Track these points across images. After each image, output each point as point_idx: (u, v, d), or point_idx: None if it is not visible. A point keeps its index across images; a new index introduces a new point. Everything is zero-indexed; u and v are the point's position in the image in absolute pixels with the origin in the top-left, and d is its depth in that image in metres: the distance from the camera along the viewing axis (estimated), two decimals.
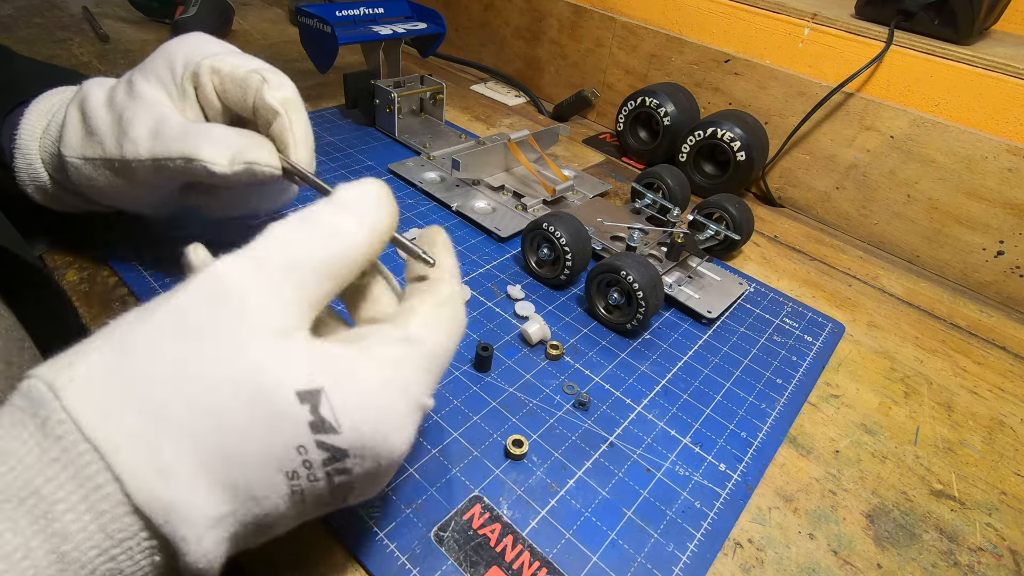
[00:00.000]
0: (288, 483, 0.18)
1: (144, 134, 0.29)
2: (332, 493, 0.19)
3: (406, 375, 0.20)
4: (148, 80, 0.30)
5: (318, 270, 0.19)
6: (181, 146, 0.28)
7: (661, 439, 0.33)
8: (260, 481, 0.17)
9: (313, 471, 0.18)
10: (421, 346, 0.20)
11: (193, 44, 0.31)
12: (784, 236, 0.57)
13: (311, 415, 0.17)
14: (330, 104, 0.67)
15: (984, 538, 0.31)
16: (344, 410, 0.18)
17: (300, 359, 0.18)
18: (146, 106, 0.29)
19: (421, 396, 0.20)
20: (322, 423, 0.17)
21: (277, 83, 0.29)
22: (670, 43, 0.65)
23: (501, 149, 0.54)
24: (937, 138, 0.51)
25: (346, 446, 0.18)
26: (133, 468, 0.16)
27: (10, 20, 0.76)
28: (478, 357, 0.35)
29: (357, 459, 0.18)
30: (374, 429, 0.18)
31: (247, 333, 0.17)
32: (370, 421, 0.18)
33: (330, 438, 0.18)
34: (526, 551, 0.27)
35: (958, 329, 0.48)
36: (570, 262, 0.41)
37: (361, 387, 0.18)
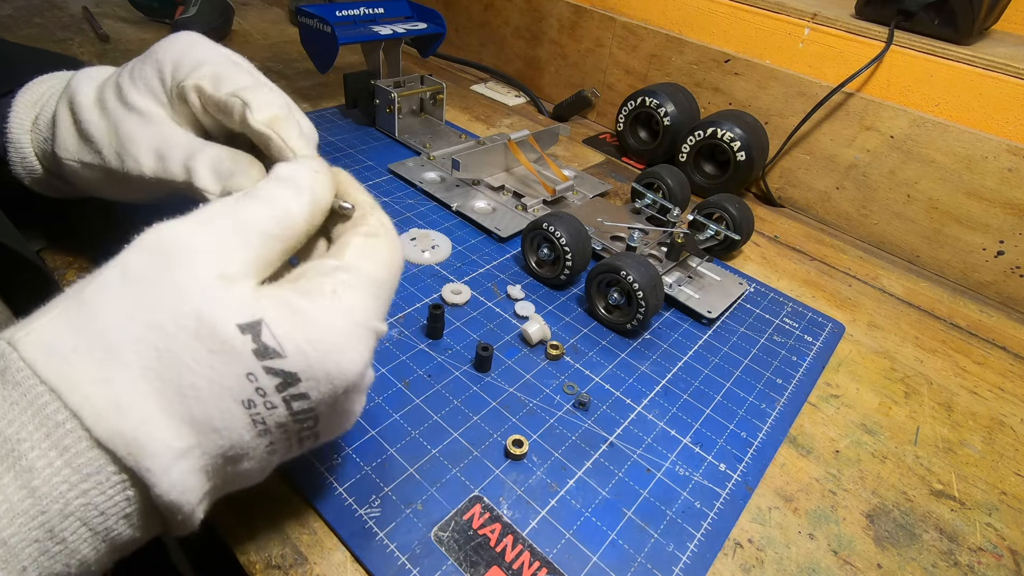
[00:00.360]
0: (246, 412, 0.18)
1: (146, 153, 0.29)
2: (296, 420, 0.20)
3: (345, 298, 0.20)
4: (138, 89, 0.29)
5: (262, 232, 0.20)
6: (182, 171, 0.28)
7: (661, 439, 0.33)
8: (217, 411, 0.18)
9: (268, 398, 0.19)
10: (357, 272, 0.21)
11: (182, 50, 0.30)
12: (784, 236, 0.57)
13: (254, 343, 0.18)
14: (330, 104, 0.67)
15: (984, 538, 0.31)
16: (286, 335, 0.18)
17: (240, 297, 0.19)
18: (144, 120, 0.29)
19: (367, 319, 0.21)
20: (266, 349, 0.18)
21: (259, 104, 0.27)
22: (670, 43, 0.65)
23: (501, 149, 0.54)
24: (937, 138, 0.51)
25: (294, 369, 0.19)
26: (90, 404, 0.17)
27: (10, 20, 0.76)
28: (478, 357, 0.35)
29: (310, 381, 0.19)
30: (320, 350, 0.19)
31: (189, 278, 0.18)
32: (313, 342, 0.19)
33: (276, 363, 0.18)
34: (526, 551, 0.27)
35: (958, 329, 0.48)
36: (570, 262, 0.41)
37: (301, 313, 0.19)
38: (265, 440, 0.20)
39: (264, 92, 0.28)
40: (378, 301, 0.22)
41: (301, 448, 0.21)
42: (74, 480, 0.17)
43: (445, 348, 0.37)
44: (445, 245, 0.45)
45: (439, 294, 0.41)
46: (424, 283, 0.42)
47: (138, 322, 0.18)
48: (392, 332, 0.37)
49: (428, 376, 0.35)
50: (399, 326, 0.38)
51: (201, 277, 0.18)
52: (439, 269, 0.44)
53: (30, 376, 0.17)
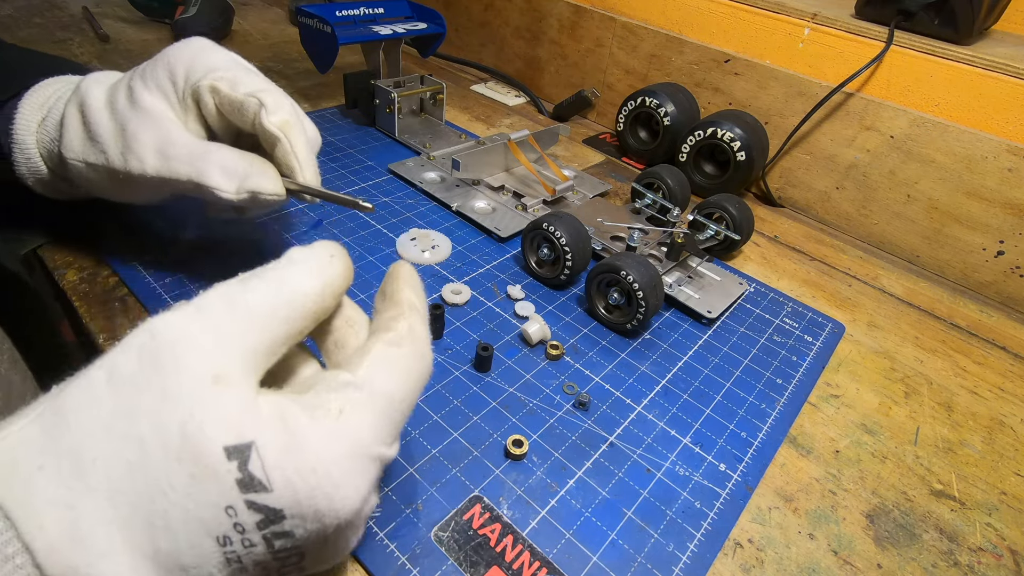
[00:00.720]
0: (220, 550, 0.16)
1: (150, 151, 0.29)
2: (277, 559, 0.18)
3: (352, 424, 0.18)
4: (149, 89, 0.30)
5: (264, 315, 0.18)
6: (188, 169, 0.28)
7: (661, 439, 0.33)
8: (188, 548, 0.16)
9: (247, 535, 0.16)
10: (370, 391, 0.19)
11: (194, 54, 0.30)
12: (784, 236, 0.57)
13: (239, 472, 0.16)
14: (330, 104, 0.67)
15: (984, 538, 0.31)
16: (276, 465, 0.16)
17: (232, 410, 0.16)
18: (151, 120, 0.29)
19: (373, 446, 0.18)
20: (251, 480, 0.16)
21: (274, 106, 0.29)
22: (670, 43, 0.65)
23: (501, 149, 0.54)
24: (937, 138, 0.51)
25: (280, 506, 0.16)
26: (45, 536, 0.15)
27: (10, 20, 0.76)
28: (478, 357, 0.35)
29: (296, 520, 0.17)
30: (311, 485, 0.17)
31: (179, 383, 0.16)
32: (306, 476, 0.17)
33: (261, 497, 0.16)
34: (526, 551, 0.27)
35: (958, 329, 0.48)
36: (570, 262, 0.41)
37: (298, 437, 0.17)
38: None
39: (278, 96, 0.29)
40: (389, 423, 0.19)
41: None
42: None
43: (445, 348, 0.37)
44: (445, 245, 0.45)
45: (439, 294, 0.41)
46: (424, 283, 0.42)
47: (116, 435, 0.16)
48: None
49: None
50: None
51: (193, 381, 0.16)
52: (439, 269, 0.44)
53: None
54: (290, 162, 0.29)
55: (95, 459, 0.16)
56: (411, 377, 0.20)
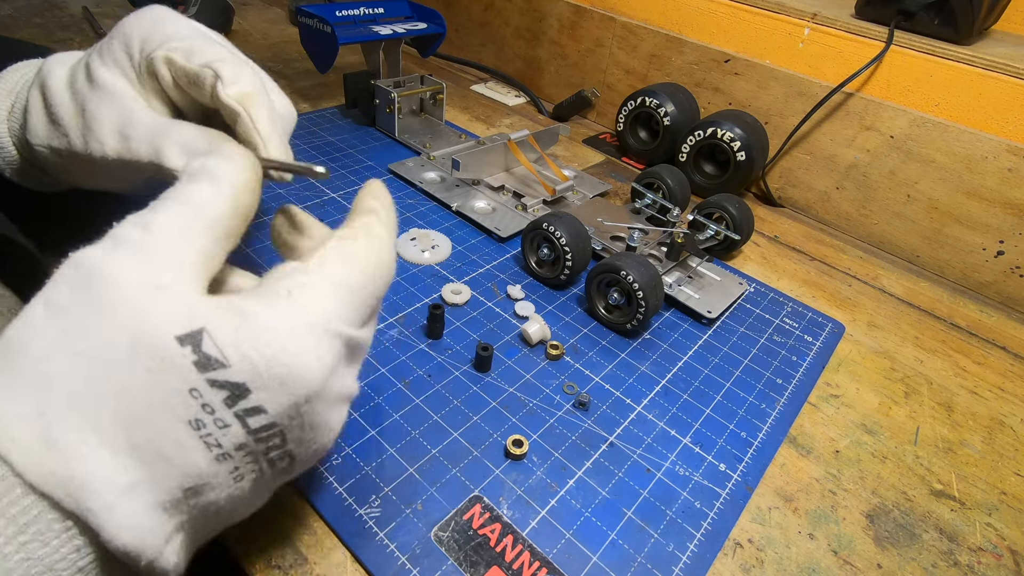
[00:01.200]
0: (196, 434, 0.17)
1: (110, 132, 0.27)
2: (259, 440, 0.18)
3: (303, 301, 0.18)
4: (107, 65, 0.28)
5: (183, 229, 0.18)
6: (147, 149, 0.27)
7: (661, 439, 0.33)
8: (163, 436, 0.16)
9: (218, 415, 0.17)
10: (320, 275, 0.19)
11: (151, 23, 0.28)
12: (784, 236, 0.57)
13: (194, 354, 0.16)
14: (330, 104, 0.67)
15: (984, 538, 0.31)
16: (229, 343, 0.17)
17: (177, 304, 0.17)
18: (109, 98, 0.27)
19: (332, 322, 0.19)
20: (208, 360, 0.16)
21: (232, 77, 0.26)
22: (670, 43, 0.65)
23: (501, 149, 0.54)
24: (937, 138, 0.51)
25: (241, 379, 0.17)
26: (20, 446, 0.15)
27: (10, 20, 0.76)
28: (478, 357, 0.35)
29: (262, 392, 0.17)
30: (268, 356, 0.17)
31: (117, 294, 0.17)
32: (260, 348, 0.17)
33: (220, 373, 0.16)
34: (526, 551, 0.27)
35: (958, 329, 0.48)
36: (570, 262, 0.41)
37: (248, 317, 0.17)
38: (227, 466, 0.18)
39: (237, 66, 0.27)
40: (348, 305, 0.20)
41: (276, 472, 0.19)
42: (11, 532, 0.15)
43: (445, 348, 0.37)
44: (445, 245, 0.45)
45: (439, 294, 0.41)
46: (424, 283, 0.42)
47: (66, 350, 0.16)
48: (392, 332, 0.37)
49: (428, 376, 0.35)
50: (399, 326, 0.38)
51: (131, 292, 0.17)
52: (439, 269, 0.44)
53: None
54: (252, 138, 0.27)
55: (50, 378, 0.16)
56: (366, 265, 0.20)
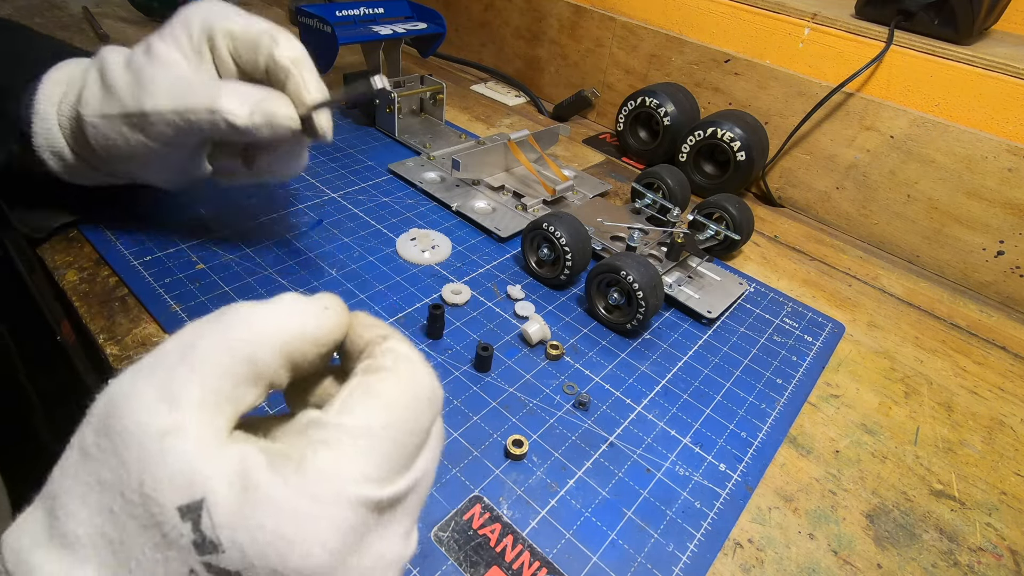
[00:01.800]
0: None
1: (164, 88, 0.31)
2: None
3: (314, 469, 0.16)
4: (165, 41, 0.32)
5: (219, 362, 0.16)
6: (203, 98, 0.30)
7: (661, 439, 0.33)
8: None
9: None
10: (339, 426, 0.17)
11: (209, 8, 0.33)
12: (784, 236, 0.57)
13: (193, 533, 0.15)
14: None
15: (984, 538, 0.31)
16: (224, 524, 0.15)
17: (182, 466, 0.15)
18: (163, 64, 0.31)
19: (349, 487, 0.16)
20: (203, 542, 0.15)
21: (287, 44, 0.32)
22: (670, 43, 0.65)
23: (501, 149, 0.54)
24: (937, 138, 0.51)
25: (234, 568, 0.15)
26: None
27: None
28: (478, 357, 0.35)
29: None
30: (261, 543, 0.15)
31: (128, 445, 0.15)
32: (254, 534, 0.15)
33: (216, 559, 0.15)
34: (526, 551, 0.27)
35: (958, 329, 0.48)
36: (570, 262, 0.41)
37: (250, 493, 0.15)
38: None
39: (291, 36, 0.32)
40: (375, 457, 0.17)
41: None
42: None
43: (445, 348, 0.37)
44: (445, 245, 0.45)
45: (439, 294, 0.41)
46: (424, 283, 0.42)
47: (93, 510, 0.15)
48: None
49: None
50: (399, 326, 0.38)
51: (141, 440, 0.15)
52: (439, 269, 0.44)
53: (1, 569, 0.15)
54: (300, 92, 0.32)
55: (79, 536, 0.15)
56: (398, 401, 0.18)
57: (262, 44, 0.32)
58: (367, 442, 0.17)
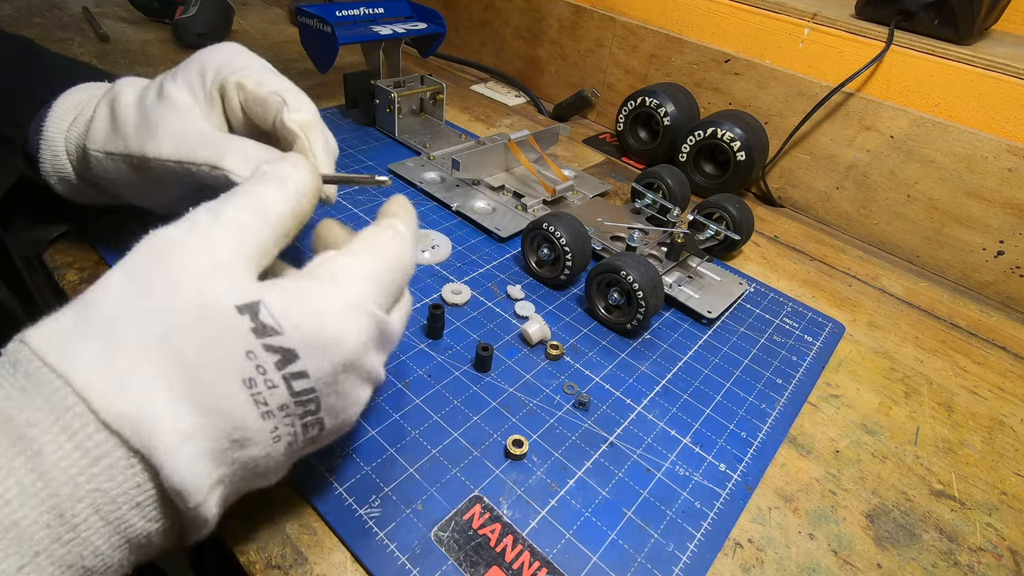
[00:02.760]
0: (248, 392, 0.19)
1: (170, 136, 0.30)
2: (299, 403, 0.20)
3: (344, 283, 0.21)
4: (177, 84, 0.32)
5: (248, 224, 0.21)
6: (206, 152, 0.30)
7: (661, 439, 0.33)
8: (220, 391, 0.19)
9: (268, 376, 0.19)
10: (356, 259, 0.22)
11: (226, 55, 0.33)
12: (784, 236, 0.57)
13: (252, 322, 0.19)
14: (330, 104, 0.67)
15: (984, 538, 0.31)
16: (283, 313, 0.19)
17: (236, 282, 0.19)
18: (174, 110, 0.31)
19: (367, 303, 0.21)
20: (264, 327, 0.19)
21: (296, 105, 0.31)
22: (670, 43, 0.65)
23: (501, 149, 0.54)
24: (937, 138, 0.51)
25: (292, 345, 0.19)
26: (95, 387, 0.17)
27: (10, 20, 0.76)
28: (478, 357, 0.35)
29: (308, 357, 0.20)
30: (316, 325, 0.20)
31: (187, 269, 0.19)
32: (310, 318, 0.20)
33: (275, 340, 0.19)
34: (526, 551, 0.27)
35: (958, 329, 0.48)
36: (570, 262, 0.41)
37: (297, 294, 0.20)
38: (269, 424, 0.20)
39: (301, 96, 0.32)
40: (381, 290, 0.22)
41: (306, 439, 0.21)
42: (84, 464, 0.17)
43: (445, 348, 0.37)
44: (445, 245, 0.45)
45: (439, 294, 0.41)
46: (424, 283, 0.42)
47: (140, 311, 0.18)
48: None
49: (428, 376, 0.35)
50: None
51: (199, 268, 0.19)
52: (439, 269, 0.44)
53: (40, 366, 0.17)
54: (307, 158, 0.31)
55: (126, 331, 0.18)
56: (395, 257, 0.23)
57: (271, 105, 0.31)
58: (376, 278, 0.22)
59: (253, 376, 0.19)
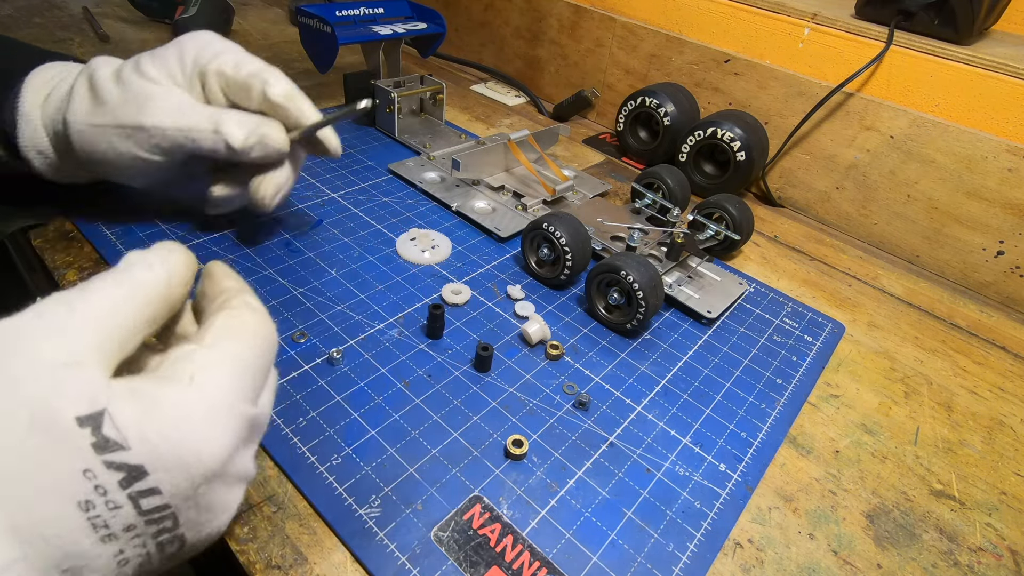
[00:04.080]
0: (83, 515, 0.16)
1: (167, 106, 0.32)
2: (150, 522, 0.18)
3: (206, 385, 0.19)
4: (156, 65, 0.33)
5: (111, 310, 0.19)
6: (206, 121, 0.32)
7: (661, 439, 0.33)
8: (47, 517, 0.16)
9: (110, 496, 0.17)
10: (220, 353, 0.20)
11: (202, 42, 0.34)
12: (784, 236, 0.57)
13: (93, 436, 0.16)
14: (330, 104, 0.67)
15: (984, 538, 0.31)
16: (130, 424, 0.17)
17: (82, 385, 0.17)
18: (159, 85, 0.33)
19: (234, 404, 0.19)
20: (106, 442, 0.16)
21: (275, 81, 0.33)
22: (670, 43, 0.65)
23: (501, 149, 0.54)
24: (937, 138, 0.51)
25: (140, 461, 0.17)
26: None
27: (10, 20, 0.76)
28: (478, 357, 0.35)
29: (160, 473, 0.17)
30: (169, 437, 0.17)
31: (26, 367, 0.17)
32: (163, 431, 0.17)
33: (119, 456, 0.17)
34: (526, 551, 0.27)
35: (958, 329, 0.48)
36: (570, 262, 0.41)
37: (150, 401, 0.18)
38: (112, 548, 0.17)
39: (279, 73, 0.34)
40: (247, 382, 0.20)
41: (163, 556, 0.19)
42: None
43: (445, 348, 0.37)
44: (445, 245, 0.45)
45: (439, 294, 0.41)
46: (424, 283, 0.42)
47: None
48: (392, 332, 0.37)
49: (428, 376, 0.35)
50: (399, 326, 0.38)
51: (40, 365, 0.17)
52: (439, 269, 0.44)
53: None
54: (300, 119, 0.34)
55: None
56: (257, 339, 0.21)
57: (253, 87, 0.33)
58: (240, 368, 0.20)
59: (91, 498, 0.16)
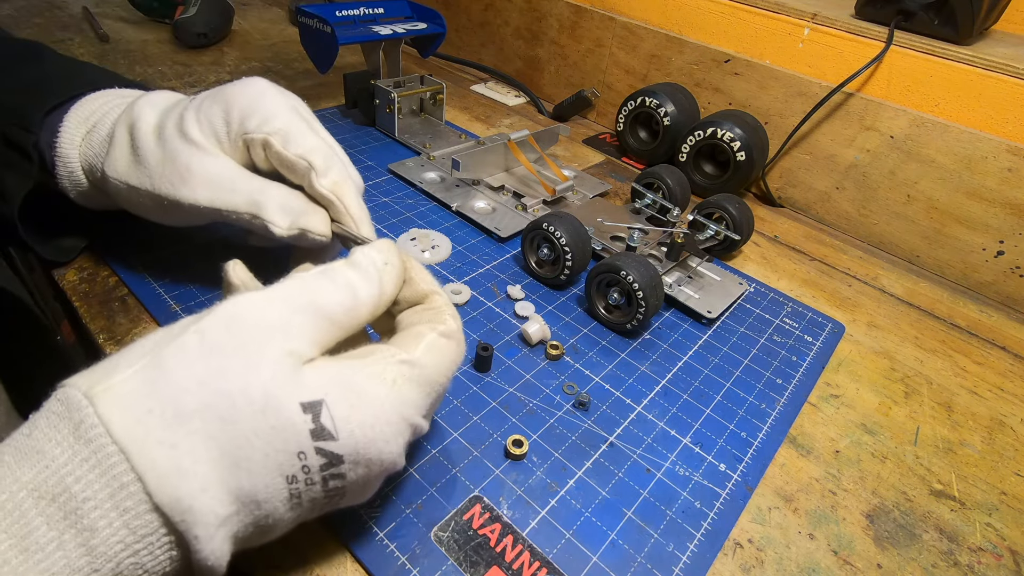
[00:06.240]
0: (288, 487, 0.20)
1: (202, 183, 0.30)
2: (326, 496, 0.21)
3: (402, 393, 0.22)
4: (201, 124, 0.30)
5: (326, 317, 0.21)
6: (247, 203, 0.30)
7: (661, 439, 0.33)
8: (263, 484, 0.19)
9: (311, 475, 0.20)
10: (421, 370, 0.22)
11: (252, 98, 0.31)
12: (784, 236, 0.57)
13: (312, 423, 0.19)
14: (330, 104, 0.67)
15: (984, 538, 0.31)
16: (343, 419, 0.20)
17: (306, 376, 0.20)
18: (202, 153, 0.30)
19: (414, 415, 0.22)
20: (322, 431, 0.19)
21: (323, 168, 0.30)
22: (670, 43, 0.65)
23: (501, 149, 0.54)
24: (937, 138, 0.51)
25: (342, 452, 0.20)
26: (155, 468, 0.18)
27: (10, 20, 0.76)
28: (478, 357, 0.35)
29: (351, 465, 0.20)
30: (368, 438, 0.20)
31: (262, 354, 0.19)
32: (365, 430, 0.20)
33: (328, 444, 0.20)
34: (526, 551, 0.27)
35: (958, 329, 0.48)
36: (570, 262, 0.41)
37: (360, 400, 0.20)
38: (295, 513, 0.21)
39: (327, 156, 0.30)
40: (427, 400, 0.23)
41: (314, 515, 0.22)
42: (129, 540, 0.17)
43: None
44: (445, 245, 0.45)
45: None
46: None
47: (209, 390, 0.19)
48: None
49: None
50: None
51: (273, 354, 0.20)
52: (439, 269, 0.44)
53: (103, 434, 0.17)
54: (346, 222, 0.30)
55: (192, 409, 0.18)
56: (452, 367, 0.24)
57: (299, 169, 0.30)
58: (429, 388, 0.23)
59: (296, 474, 0.19)
